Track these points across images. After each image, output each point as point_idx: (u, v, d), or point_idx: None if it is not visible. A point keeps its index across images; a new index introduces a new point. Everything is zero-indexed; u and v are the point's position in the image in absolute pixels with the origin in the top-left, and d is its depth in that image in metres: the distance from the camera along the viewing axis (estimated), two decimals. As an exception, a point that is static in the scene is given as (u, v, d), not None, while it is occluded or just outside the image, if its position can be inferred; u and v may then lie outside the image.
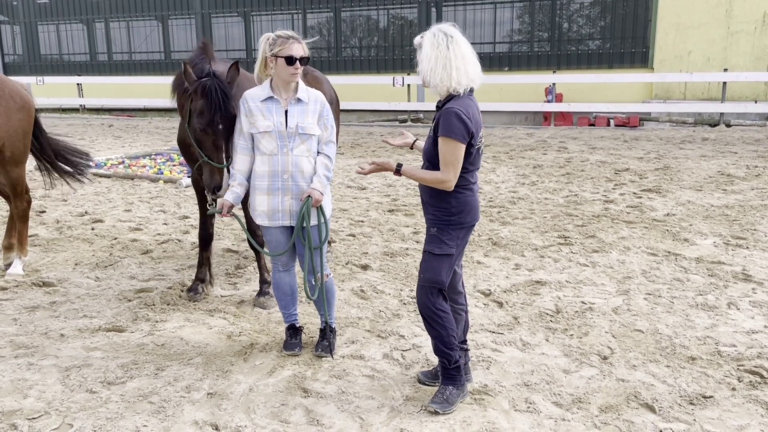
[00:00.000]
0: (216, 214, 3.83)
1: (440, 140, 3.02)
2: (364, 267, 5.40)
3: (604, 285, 4.92)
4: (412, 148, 3.51)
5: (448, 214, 3.14)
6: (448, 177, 3.04)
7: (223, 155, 3.78)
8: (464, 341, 3.45)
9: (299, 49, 3.47)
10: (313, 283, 3.68)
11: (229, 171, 3.76)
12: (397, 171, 3.17)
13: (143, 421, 3.14)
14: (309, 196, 3.50)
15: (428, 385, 3.44)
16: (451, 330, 3.21)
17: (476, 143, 3.08)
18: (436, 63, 3.00)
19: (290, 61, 3.44)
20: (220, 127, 3.73)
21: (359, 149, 12.65)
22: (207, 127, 3.74)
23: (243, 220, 3.88)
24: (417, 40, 3.12)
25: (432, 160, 3.13)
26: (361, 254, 5.76)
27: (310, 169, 3.58)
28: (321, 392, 3.39)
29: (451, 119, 2.98)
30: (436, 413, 3.16)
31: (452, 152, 3.00)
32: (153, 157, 11.46)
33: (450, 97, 3.06)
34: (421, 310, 3.26)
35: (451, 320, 3.22)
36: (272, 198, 3.59)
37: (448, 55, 2.98)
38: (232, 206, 3.63)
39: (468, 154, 3.06)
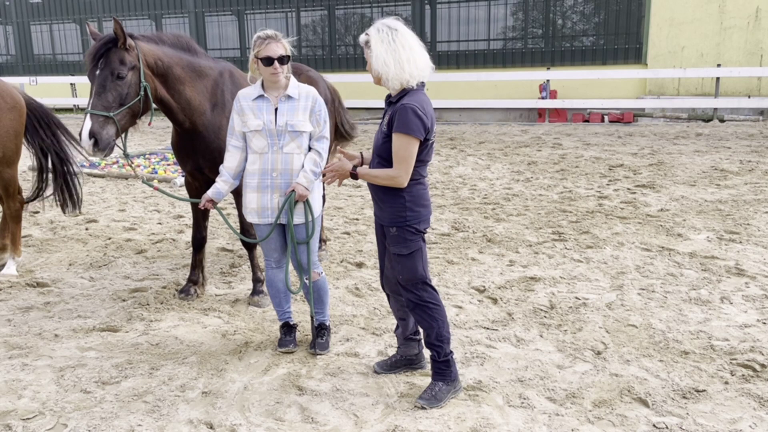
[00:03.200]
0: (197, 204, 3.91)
1: (395, 136, 3.02)
2: (359, 265, 5.40)
3: (598, 280, 4.94)
4: (362, 164, 3.35)
5: (402, 209, 3.14)
6: (399, 173, 3.04)
7: (90, 101, 3.80)
8: (417, 332, 3.53)
9: (277, 49, 3.47)
10: (305, 281, 3.68)
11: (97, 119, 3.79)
12: (354, 176, 3.17)
13: (138, 421, 3.14)
14: (293, 190, 3.51)
15: (380, 373, 3.52)
16: (443, 322, 3.25)
17: (431, 138, 3.11)
18: (387, 56, 3.00)
19: (268, 61, 3.45)
20: (97, 72, 3.82)
21: (354, 147, 12.65)
22: (89, 74, 3.87)
23: (223, 213, 3.93)
24: (362, 38, 3.11)
25: (384, 156, 3.13)
26: (355, 252, 5.76)
27: (300, 166, 3.59)
28: (316, 390, 3.40)
29: (408, 115, 2.98)
30: (423, 408, 3.18)
31: (406, 148, 3.01)
32: (147, 156, 11.44)
33: (403, 93, 3.07)
34: (409, 306, 3.29)
35: (441, 311, 3.26)
36: (262, 196, 3.60)
37: (397, 48, 2.99)
38: (211, 200, 3.74)
39: (422, 148, 3.08)
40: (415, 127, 2.99)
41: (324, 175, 3.27)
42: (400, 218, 3.16)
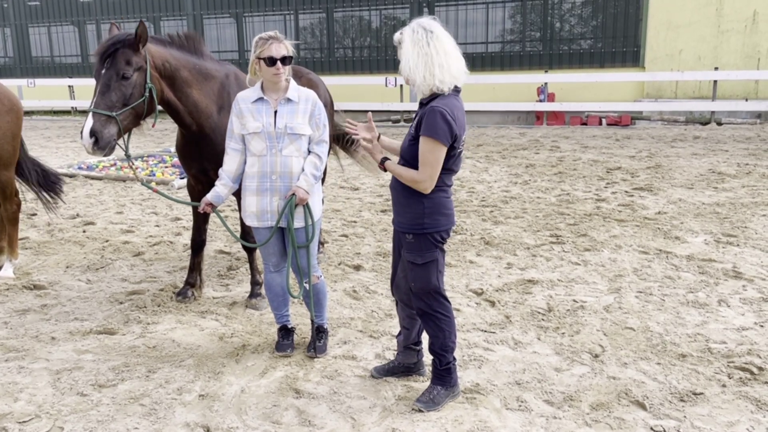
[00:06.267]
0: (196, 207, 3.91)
1: (422, 139, 2.93)
2: (357, 267, 5.40)
3: (595, 283, 4.94)
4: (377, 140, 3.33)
5: (421, 216, 3.06)
6: (423, 177, 2.95)
7: (94, 100, 3.82)
8: (418, 342, 3.49)
9: (280, 49, 3.46)
10: (305, 285, 3.67)
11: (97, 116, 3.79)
12: (382, 163, 3.14)
13: (134, 424, 3.13)
14: (293, 194, 3.51)
15: (377, 378, 3.50)
16: (450, 333, 3.21)
17: (458, 146, 3.01)
18: (418, 60, 2.89)
19: (270, 61, 3.44)
20: (103, 71, 3.83)
21: (352, 150, 12.63)
22: (95, 73, 3.90)
23: (223, 217, 3.92)
24: (397, 36, 3.01)
25: (409, 159, 3.05)
26: (353, 254, 5.76)
27: (299, 169, 3.58)
28: (313, 393, 3.39)
29: (436, 119, 2.89)
30: (420, 411, 3.17)
31: (432, 152, 2.92)
32: (145, 158, 11.43)
33: (434, 96, 2.97)
34: (418, 313, 3.25)
35: (450, 323, 3.22)
36: (261, 199, 3.59)
37: (429, 52, 2.88)
38: (210, 204, 3.71)
39: (449, 156, 2.99)
40: (441, 131, 2.88)
41: (356, 142, 3.25)
42: (417, 225, 3.07)
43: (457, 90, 3.01)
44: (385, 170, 3.14)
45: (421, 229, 3.08)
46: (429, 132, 2.90)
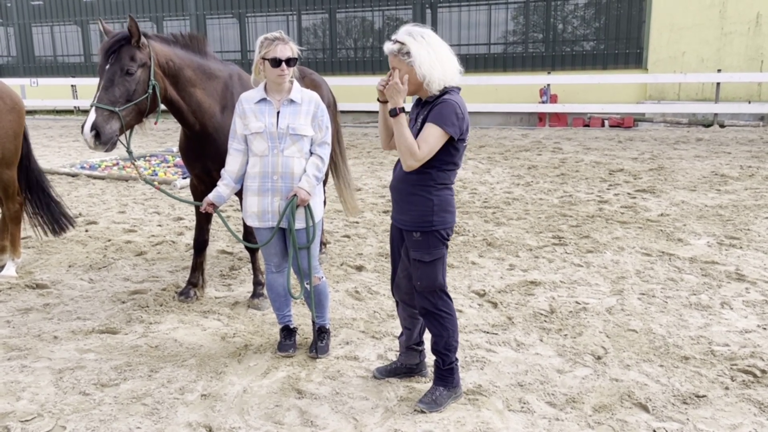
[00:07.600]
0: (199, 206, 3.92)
1: (429, 125, 2.97)
2: (359, 268, 5.40)
3: (598, 285, 4.93)
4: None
5: (430, 213, 3.08)
6: (422, 154, 2.96)
7: (97, 95, 3.83)
8: (420, 342, 3.49)
9: (285, 51, 3.47)
10: (306, 286, 3.68)
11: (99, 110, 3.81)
12: (394, 112, 2.99)
13: (137, 423, 3.13)
14: (295, 194, 3.51)
15: (379, 378, 3.50)
16: (453, 331, 3.22)
17: (465, 139, 3.09)
18: (431, 58, 2.96)
19: (275, 63, 3.45)
20: (107, 66, 3.85)
21: (354, 150, 12.64)
22: (99, 69, 3.92)
23: (225, 217, 3.93)
24: (393, 47, 3.01)
25: None
26: (355, 255, 5.76)
27: (300, 170, 3.58)
28: (315, 393, 3.39)
29: (449, 109, 2.96)
30: (422, 412, 3.17)
31: (437, 138, 2.96)
32: (148, 158, 11.44)
33: (444, 92, 3.03)
34: (421, 313, 3.25)
35: (454, 321, 3.23)
36: (262, 199, 3.60)
37: (435, 49, 2.98)
38: (212, 204, 3.73)
39: (456, 150, 3.05)
40: (449, 122, 2.95)
41: (386, 85, 3.03)
42: (426, 223, 3.09)
43: (458, 88, 3.11)
44: (395, 116, 2.98)
45: (429, 226, 3.10)
46: (438, 120, 2.95)
